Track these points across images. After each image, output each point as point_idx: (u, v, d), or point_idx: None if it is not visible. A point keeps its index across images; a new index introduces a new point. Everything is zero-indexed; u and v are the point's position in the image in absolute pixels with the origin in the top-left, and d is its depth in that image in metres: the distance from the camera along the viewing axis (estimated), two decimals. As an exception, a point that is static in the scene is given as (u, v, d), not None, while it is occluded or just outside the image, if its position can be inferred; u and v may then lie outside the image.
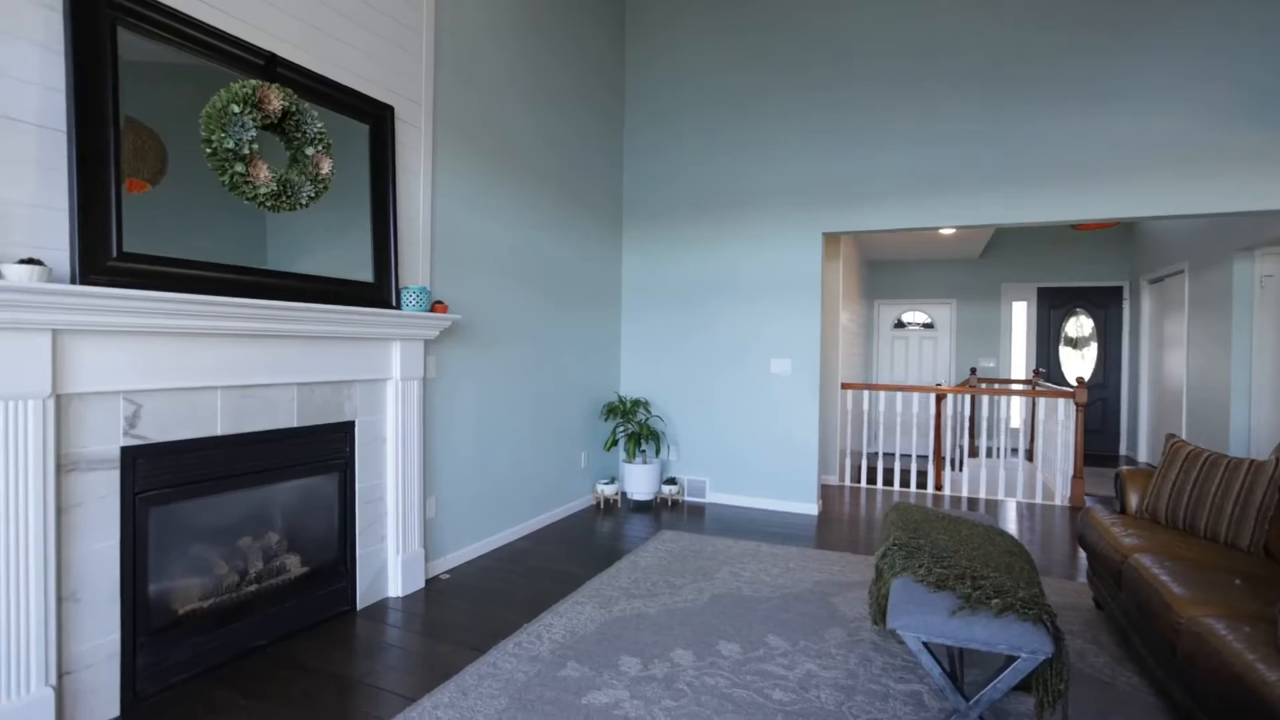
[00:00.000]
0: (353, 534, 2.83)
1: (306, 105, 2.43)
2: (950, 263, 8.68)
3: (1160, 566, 2.29)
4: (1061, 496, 5.23)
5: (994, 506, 5.12)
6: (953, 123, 4.38)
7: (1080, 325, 8.10)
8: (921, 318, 8.96)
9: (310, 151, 2.45)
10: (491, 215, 3.72)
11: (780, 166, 4.85)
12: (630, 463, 4.92)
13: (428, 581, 3.23)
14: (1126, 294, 7.79)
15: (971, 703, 1.77)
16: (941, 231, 6.37)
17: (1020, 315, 8.37)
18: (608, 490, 4.90)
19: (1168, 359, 6.64)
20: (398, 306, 2.92)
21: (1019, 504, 5.21)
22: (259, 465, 2.44)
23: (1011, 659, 1.85)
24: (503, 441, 3.88)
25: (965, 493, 5.52)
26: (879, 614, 2.57)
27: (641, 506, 4.92)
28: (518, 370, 4.00)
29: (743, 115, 4.96)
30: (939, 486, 6.13)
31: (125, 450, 2.04)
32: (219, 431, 2.28)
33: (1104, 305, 7.92)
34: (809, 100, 4.75)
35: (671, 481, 5.10)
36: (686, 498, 5.20)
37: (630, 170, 5.33)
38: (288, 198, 2.37)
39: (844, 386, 5.96)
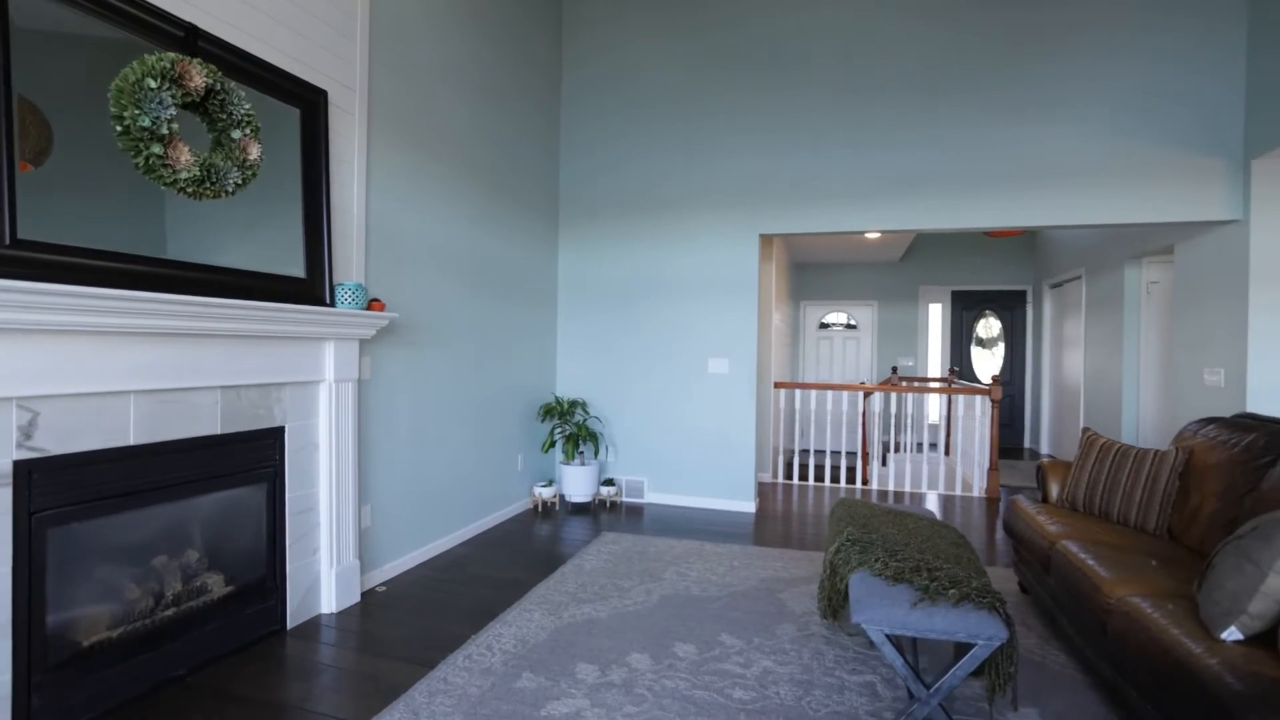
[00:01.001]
0: (283, 548, 2.63)
1: (233, 84, 2.24)
2: (872, 266, 9.06)
3: (1086, 551, 2.45)
4: (979, 488, 5.54)
5: (917, 499, 5.37)
6: (889, 129, 4.55)
7: (989, 326, 8.64)
8: (845, 319, 9.30)
9: (237, 135, 2.25)
10: (427, 209, 3.56)
11: (720, 166, 4.90)
12: (568, 464, 4.84)
13: (364, 595, 3.05)
14: (1030, 297, 8.37)
15: (932, 690, 1.82)
16: (867, 235, 6.63)
17: (936, 316, 8.83)
18: (545, 493, 4.80)
19: (1067, 357, 7.18)
20: (332, 304, 2.74)
21: (940, 496, 5.49)
22: (178, 477, 2.22)
23: (966, 646, 1.92)
24: (440, 445, 3.73)
25: (892, 487, 5.76)
26: (829, 608, 2.63)
27: (580, 508, 4.86)
28: (455, 371, 3.85)
29: (682, 114, 4.98)
30: (866, 481, 6.38)
31: (19, 464, 1.81)
32: (131, 441, 2.06)
33: (1010, 307, 8.48)
34: (749, 101, 4.82)
35: (609, 483, 5.06)
36: (624, 498, 5.18)
37: (567, 166, 5.25)
38: (212, 184, 2.17)
39: (777, 385, 6.09)
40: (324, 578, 2.83)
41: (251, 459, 2.49)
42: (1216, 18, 4.00)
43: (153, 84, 1.96)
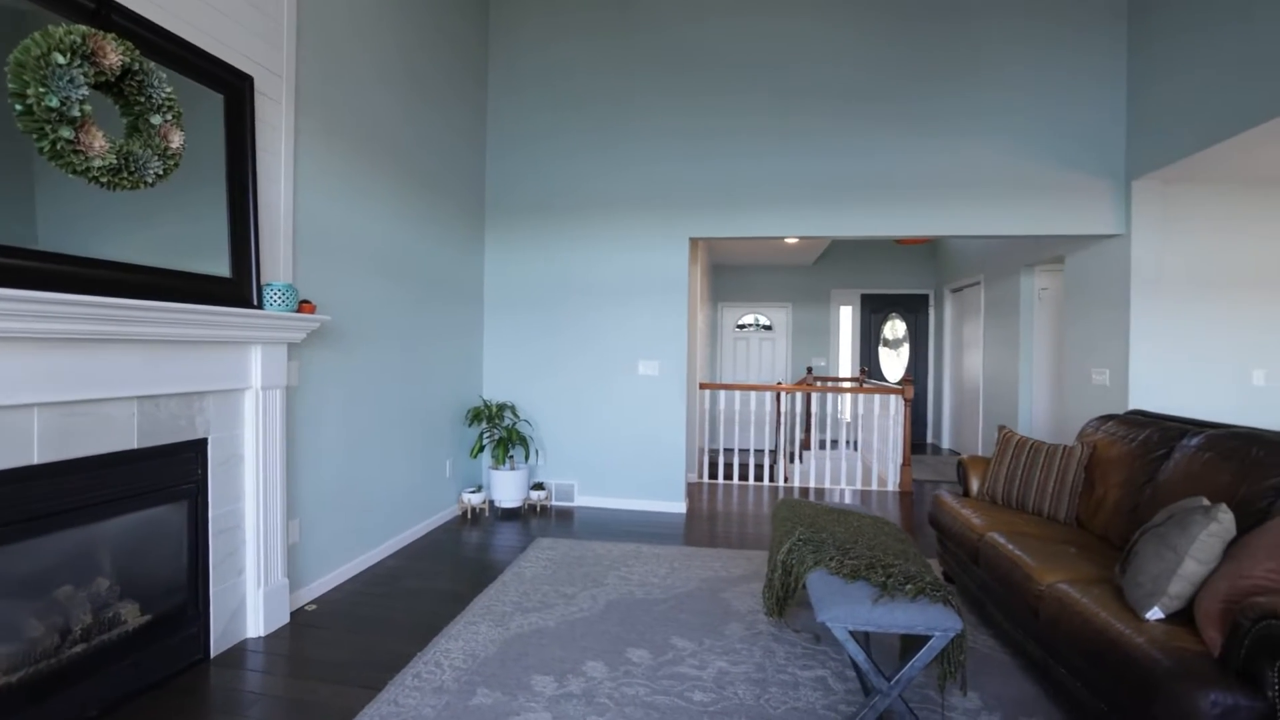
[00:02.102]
0: (205, 570, 2.42)
1: (152, 65, 2.03)
2: (787, 269, 9.38)
3: (1012, 542, 2.64)
4: (893, 483, 5.87)
5: (835, 495, 5.62)
6: (814, 136, 4.72)
7: (895, 328, 9.16)
8: (761, 320, 9.59)
9: (157, 121, 2.04)
10: (356, 205, 3.37)
11: (651, 168, 4.92)
12: (498, 469, 4.72)
13: (293, 615, 2.85)
14: (932, 301, 8.95)
15: (893, 683, 1.91)
16: (786, 240, 6.86)
17: (846, 318, 9.27)
18: (474, 499, 4.67)
19: (966, 358, 7.73)
20: (259, 306, 2.53)
21: (856, 491, 5.77)
22: (89, 498, 1.99)
23: (916, 638, 2.03)
24: (370, 453, 3.54)
25: (813, 483, 6.00)
26: (777, 606, 2.70)
27: (510, 514, 4.75)
28: (384, 374, 3.67)
29: (613, 115, 4.96)
30: (787, 479, 6.61)
31: (-104, 490, 1.56)
32: (35, 460, 1.82)
33: (915, 310, 9.03)
34: (680, 104, 4.87)
35: (539, 487, 4.98)
36: (554, 502, 5.11)
37: (495, 164, 5.11)
38: (130, 174, 1.95)
39: (702, 386, 6.20)
40: (251, 599, 2.62)
41: (171, 475, 2.26)
42: (1102, 57, 4.41)
43: (61, 59, 1.74)
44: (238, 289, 2.45)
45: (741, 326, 9.56)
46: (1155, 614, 1.87)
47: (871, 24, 4.66)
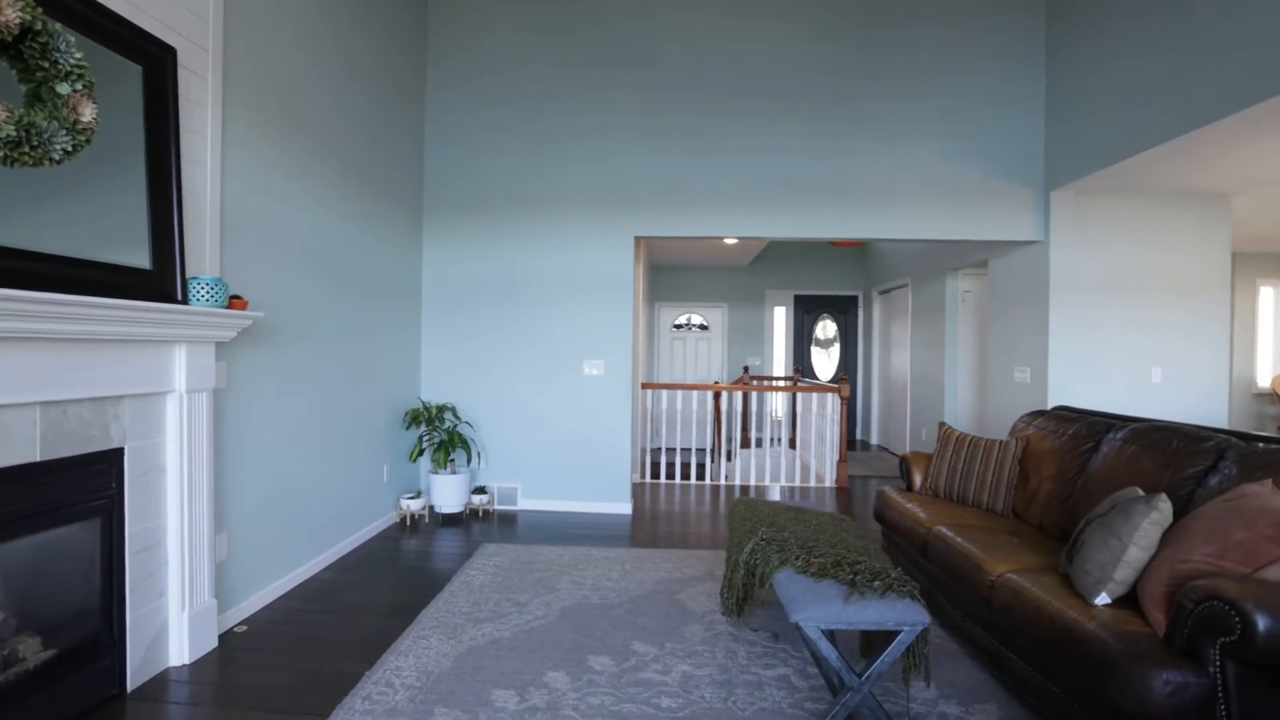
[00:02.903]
0: (121, 594, 2.18)
1: (57, 27, 1.80)
2: (724, 269, 9.50)
3: (959, 534, 2.73)
4: (830, 478, 6.03)
5: (774, 492, 5.72)
6: (756, 137, 4.77)
7: (826, 328, 9.44)
8: (698, 320, 9.67)
9: (64, 90, 1.81)
10: (289, 196, 3.15)
11: (596, 165, 4.85)
12: (438, 473, 4.54)
13: (221, 638, 2.62)
14: (861, 302, 9.28)
15: (864, 679, 1.93)
16: (726, 241, 6.94)
17: (780, 319, 9.48)
18: (413, 505, 4.47)
19: (894, 357, 8.05)
20: (184, 301, 2.31)
21: (794, 488, 5.89)
22: (-17, 519, 1.75)
23: (880, 633, 2.06)
24: (304, 459, 3.31)
25: (753, 481, 6.08)
26: (736, 606, 2.70)
27: (451, 520, 4.58)
28: (320, 376, 3.44)
29: (559, 110, 4.86)
30: (723, 476, 6.68)
31: None
32: (-82, 476, 1.58)
33: (845, 311, 9.33)
34: (625, 101, 4.82)
35: (481, 491, 4.83)
36: (497, 506, 4.96)
37: (435, 157, 4.91)
38: (32, 148, 1.73)
39: (644, 386, 6.18)
40: (174, 624, 2.39)
41: (81, 490, 2.02)
42: (1022, 81, 4.67)
43: (-48, 14, 1.52)
44: (160, 282, 2.22)
45: (678, 326, 9.61)
46: (1103, 599, 1.97)
47: (815, 25, 4.76)
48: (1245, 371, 7.89)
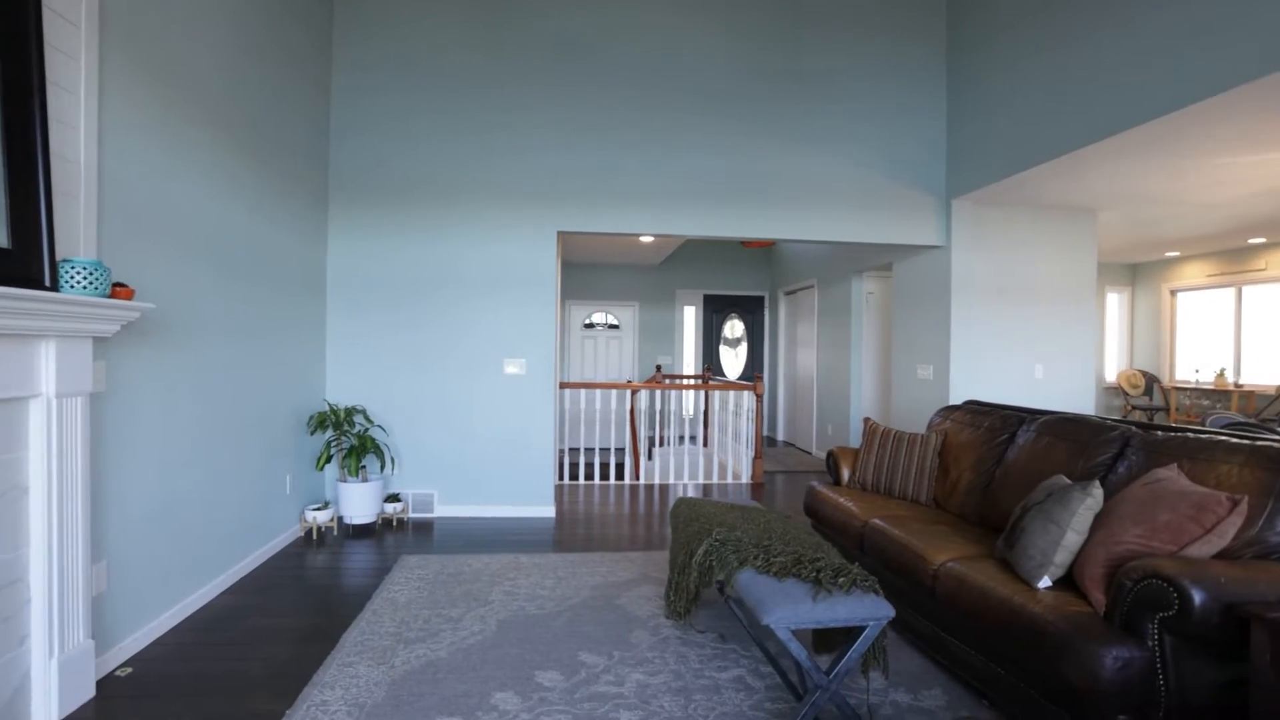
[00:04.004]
0: (-26, 643, 1.80)
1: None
2: (635, 268, 9.50)
3: (895, 526, 2.82)
4: (746, 475, 6.14)
5: (691, 489, 5.76)
6: (682, 134, 4.75)
7: (734, 328, 9.66)
8: (609, 319, 9.61)
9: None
10: (179, 173, 2.76)
11: (518, 159, 4.66)
12: (348, 481, 4.19)
13: (100, 685, 2.24)
14: (768, 302, 9.56)
15: (832, 676, 1.92)
16: (642, 238, 6.91)
17: (690, 318, 9.60)
18: (320, 517, 4.10)
19: (800, 356, 8.35)
20: (54, 287, 1.95)
21: (712, 485, 5.95)
22: None
23: (846, 629, 2.07)
24: (195, 471, 2.92)
25: (672, 479, 6.09)
26: (684, 609, 2.65)
27: (362, 531, 4.24)
28: (214, 377, 3.06)
29: (479, 100, 4.63)
30: (638, 476, 6.65)
31: None
32: None
33: (752, 311, 9.59)
34: (550, 94, 4.67)
35: (395, 498, 4.51)
36: (412, 515, 4.66)
37: (343, 144, 4.53)
38: None
39: (563, 386, 6.03)
40: (39, 674, 2.01)
41: (-80, 518, 1.65)
42: (927, 91, 4.95)
43: None
44: (21, 264, 1.86)
45: (589, 325, 9.50)
46: (1045, 583, 2.08)
47: (741, 26, 4.80)
48: (1098, 368, 8.85)
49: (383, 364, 4.61)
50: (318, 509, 4.09)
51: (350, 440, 4.23)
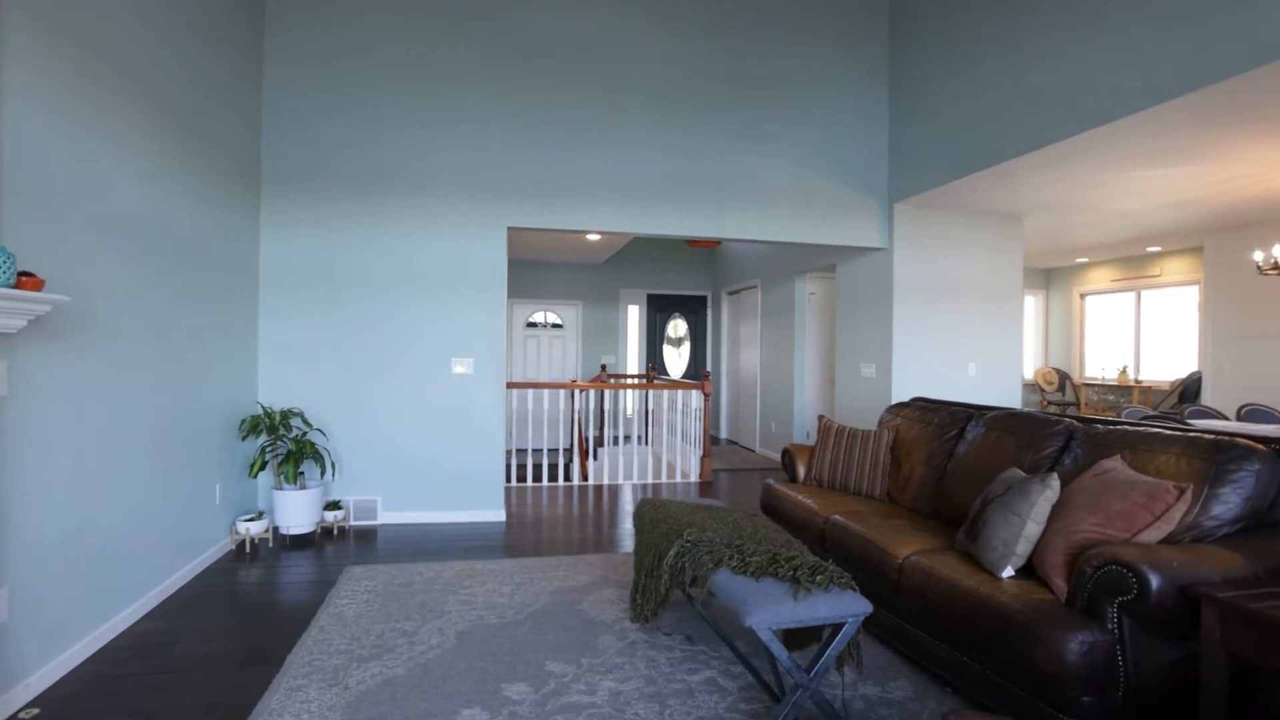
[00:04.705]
0: None
1: None
2: (578, 267, 9.39)
3: (856, 522, 2.87)
4: (694, 474, 6.16)
5: (640, 489, 5.73)
6: (633, 132, 4.71)
7: (677, 327, 9.70)
8: (552, 318, 9.47)
9: None
10: (94, 154, 2.51)
11: (466, 154, 4.51)
12: (285, 489, 3.94)
13: (8, 727, 2.00)
14: (710, 302, 9.65)
15: (812, 675, 1.92)
16: (589, 236, 6.84)
17: (634, 317, 9.57)
18: (254, 528, 3.84)
19: (743, 355, 8.46)
20: (-45, 279, 1.72)
21: (660, 484, 5.95)
22: None
23: (831, 626, 2.07)
24: (115, 482, 2.67)
25: (621, 479, 6.05)
26: (652, 611, 2.61)
27: (300, 542, 4.01)
28: (134, 379, 2.80)
29: (428, 92, 4.46)
30: (585, 476, 6.58)
31: None
32: None
33: (694, 311, 9.65)
34: (501, 88, 4.54)
35: (335, 506, 4.29)
36: (353, 523, 4.44)
37: (277, 135, 4.26)
38: None
39: (510, 386, 5.89)
40: (-62, 717, 1.77)
41: None
42: (870, 95, 5.10)
43: None
44: (-83, 253, 1.63)
45: (532, 325, 9.33)
46: (1008, 572, 2.15)
47: (693, 27, 4.81)
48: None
49: (322, 364, 4.36)
50: (251, 519, 3.82)
51: (287, 445, 3.98)
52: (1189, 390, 7.17)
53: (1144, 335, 8.38)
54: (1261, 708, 1.76)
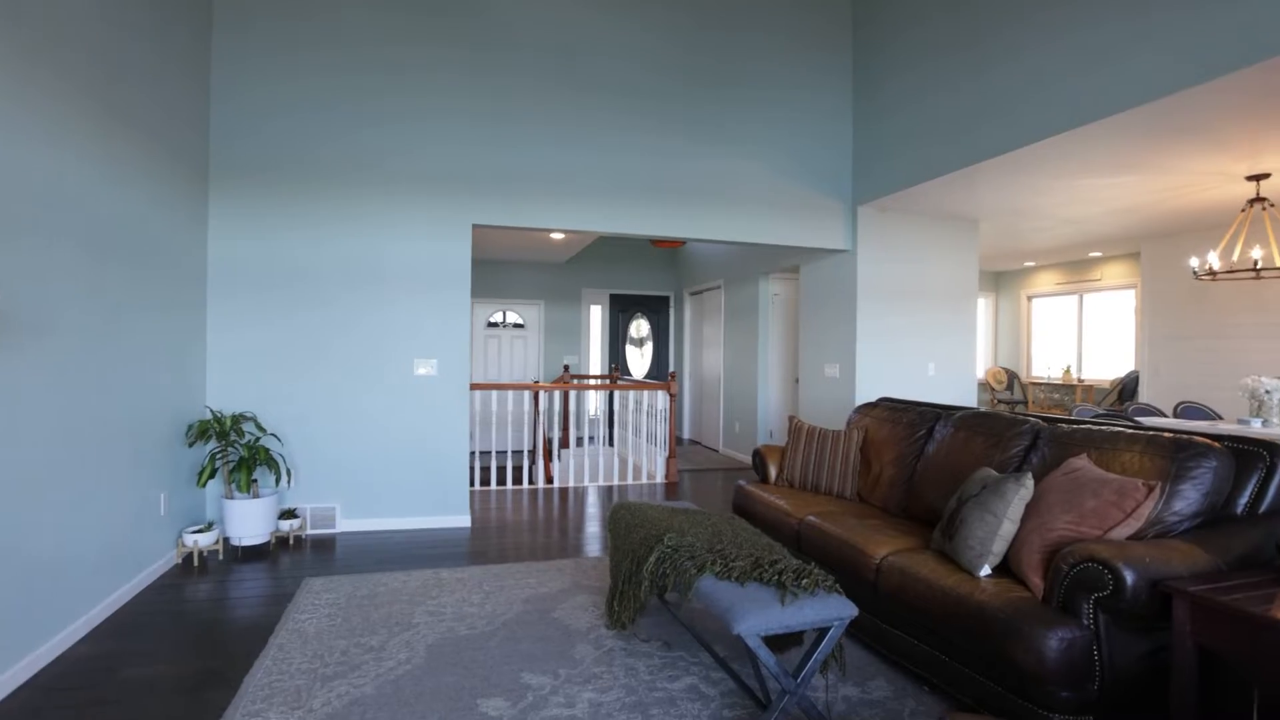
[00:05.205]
0: None
1: None
2: (540, 266, 9.27)
3: (830, 522, 2.88)
4: (660, 474, 6.14)
5: (605, 491, 5.68)
6: (601, 130, 4.65)
7: (640, 328, 9.67)
8: (513, 318, 9.33)
9: None
10: (31, 134, 2.32)
11: (431, 149, 4.38)
12: (236, 498, 3.75)
13: (-67, 766, 1.83)
14: (673, 302, 9.65)
15: (799, 680, 1.90)
16: (552, 235, 6.75)
17: (597, 317, 9.50)
18: (203, 540, 3.64)
19: (706, 356, 8.48)
20: None
21: (626, 485, 5.90)
22: None
23: (815, 630, 2.06)
24: (45, 495, 2.47)
25: (587, 481, 5.98)
26: (630, 618, 2.56)
27: (253, 553, 3.82)
28: (69, 381, 2.60)
29: (389, 86, 4.30)
30: (549, 479, 6.49)
31: None
32: None
33: (657, 311, 9.63)
34: (465, 83, 4.42)
35: (291, 514, 4.11)
36: (310, 531, 4.25)
37: (226, 123, 4.04)
38: None
39: (473, 387, 5.75)
40: None
41: None
42: (836, 98, 5.16)
43: None
44: None
45: (493, 324, 9.17)
46: (985, 571, 2.18)
47: (661, 26, 4.77)
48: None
49: (276, 366, 4.16)
50: (199, 531, 3.62)
51: (239, 451, 3.78)
52: (1127, 389, 7.51)
53: (1086, 336, 8.74)
54: (1226, 696, 1.82)
